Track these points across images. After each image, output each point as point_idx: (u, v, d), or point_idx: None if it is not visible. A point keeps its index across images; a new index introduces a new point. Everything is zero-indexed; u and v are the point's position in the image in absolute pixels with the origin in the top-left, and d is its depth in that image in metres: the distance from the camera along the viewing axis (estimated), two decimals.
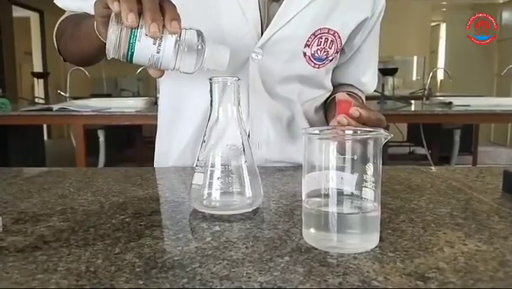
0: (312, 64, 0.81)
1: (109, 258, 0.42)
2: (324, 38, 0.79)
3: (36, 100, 4.25)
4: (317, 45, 0.79)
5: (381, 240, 0.46)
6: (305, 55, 0.80)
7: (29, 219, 0.54)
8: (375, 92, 1.37)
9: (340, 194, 0.44)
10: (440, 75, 7.07)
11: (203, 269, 0.40)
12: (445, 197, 0.64)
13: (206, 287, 0.37)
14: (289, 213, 0.57)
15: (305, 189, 0.47)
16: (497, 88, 6.66)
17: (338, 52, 0.84)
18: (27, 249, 0.45)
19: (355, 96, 0.88)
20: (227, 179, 0.56)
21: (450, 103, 2.87)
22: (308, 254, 0.43)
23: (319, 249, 0.44)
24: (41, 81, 5.85)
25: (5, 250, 0.45)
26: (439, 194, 0.66)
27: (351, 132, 0.48)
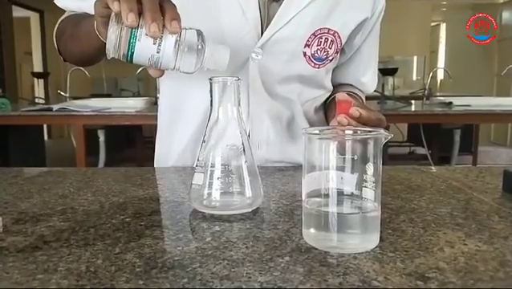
0: (312, 64, 0.81)
1: (109, 258, 0.42)
2: (324, 38, 0.79)
3: (36, 100, 4.25)
4: (317, 45, 0.79)
5: (381, 240, 0.46)
6: (305, 55, 0.80)
7: (29, 219, 0.54)
8: (375, 92, 1.37)
9: (340, 194, 0.44)
10: (440, 75, 7.07)
11: (203, 269, 0.40)
12: (445, 197, 0.64)
13: (206, 287, 0.37)
14: (289, 213, 0.57)
15: (305, 189, 0.47)
16: (497, 88, 6.66)
17: (338, 52, 0.84)
18: (27, 249, 0.45)
19: (355, 96, 0.88)
20: (227, 179, 0.56)
21: (450, 103, 2.87)
22: (308, 254, 0.43)
23: (319, 249, 0.44)
24: (41, 81, 5.85)
25: (5, 251, 0.45)
26: (439, 194, 0.66)
27: (351, 132, 0.48)
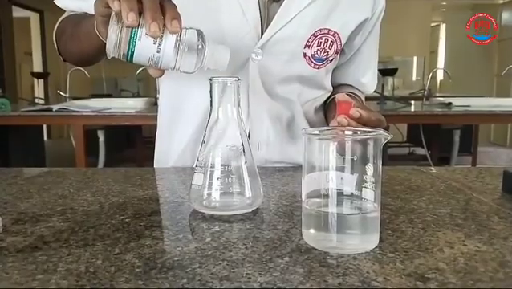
0: (312, 65, 0.81)
1: (109, 259, 0.42)
2: (324, 38, 0.79)
3: (36, 101, 4.25)
4: (317, 45, 0.79)
5: (381, 240, 0.46)
6: (305, 56, 0.80)
7: (29, 219, 0.54)
8: (374, 93, 1.37)
9: (340, 195, 0.44)
10: (439, 76, 7.08)
11: (203, 269, 0.40)
12: (445, 198, 0.64)
13: (206, 288, 0.37)
14: (289, 213, 0.57)
15: (305, 190, 0.47)
16: (497, 89, 6.67)
17: (338, 53, 0.84)
18: (27, 249, 0.45)
19: (354, 97, 0.88)
20: (227, 179, 0.56)
21: (450, 103, 2.87)
22: (308, 255, 0.43)
23: (319, 249, 0.44)
24: (41, 81, 5.85)
25: (5, 251, 0.45)
26: (439, 195, 0.66)
27: (351, 133, 0.48)
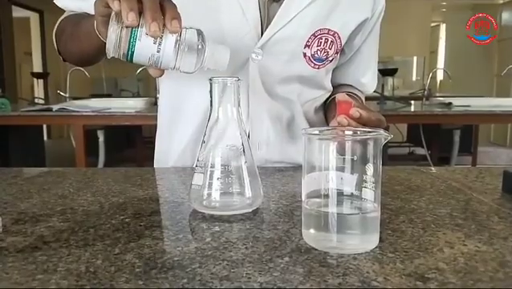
0: (312, 65, 0.81)
1: (109, 259, 0.42)
2: (324, 38, 0.79)
3: (36, 101, 4.25)
4: (317, 45, 0.79)
5: (381, 240, 0.46)
6: (305, 56, 0.80)
7: (29, 219, 0.54)
8: (374, 93, 1.37)
9: (340, 195, 0.44)
10: (439, 76, 7.07)
11: (203, 269, 0.40)
12: (445, 198, 0.64)
13: (206, 288, 0.37)
14: (289, 213, 0.57)
15: (305, 190, 0.47)
16: (497, 89, 6.67)
17: (338, 53, 0.84)
18: (27, 249, 0.45)
19: (354, 97, 0.88)
20: (227, 179, 0.56)
21: (450, 103, 2.87)
22: (308, 255, 0.43)
23: (319, 249, 0.44)
24: (41, 81, 5.84)
25: (5, 251, 0.45)
26: (439, 195, 0.66)
27: (351, 133, 0.48)
